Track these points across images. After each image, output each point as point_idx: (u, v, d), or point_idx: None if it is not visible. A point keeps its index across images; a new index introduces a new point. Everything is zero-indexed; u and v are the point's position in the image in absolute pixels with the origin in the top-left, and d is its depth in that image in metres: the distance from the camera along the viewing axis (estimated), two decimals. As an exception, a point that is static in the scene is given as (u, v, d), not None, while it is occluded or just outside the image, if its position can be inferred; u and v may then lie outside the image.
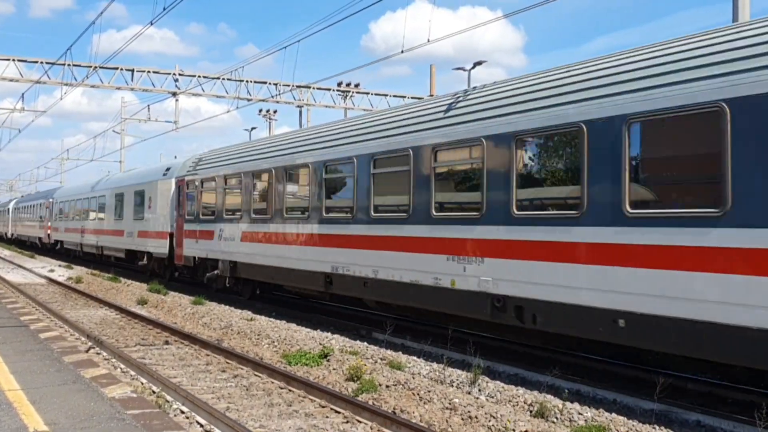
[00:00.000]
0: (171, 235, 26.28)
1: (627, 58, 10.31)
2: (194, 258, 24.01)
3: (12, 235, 69.95)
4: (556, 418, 9.11)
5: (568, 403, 9.49)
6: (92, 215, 39.03)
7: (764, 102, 8.15)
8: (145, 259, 29.79)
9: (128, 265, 34.55)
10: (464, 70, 41.07)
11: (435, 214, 12.95)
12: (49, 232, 50.87)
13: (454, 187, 13.16)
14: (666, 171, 9.59)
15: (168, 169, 27.96)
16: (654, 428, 8.65)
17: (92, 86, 35.76)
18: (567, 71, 11.32)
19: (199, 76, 37.42)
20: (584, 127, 10.13)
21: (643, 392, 9.96)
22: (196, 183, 24.17)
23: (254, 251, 19.71)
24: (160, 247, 27.45)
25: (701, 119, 8.81)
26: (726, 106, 8.46)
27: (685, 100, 8.95)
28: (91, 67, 33.54)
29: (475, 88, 13.53)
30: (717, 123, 8.55)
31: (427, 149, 13.23)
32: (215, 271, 22.45)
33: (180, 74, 36.84)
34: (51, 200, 51.21)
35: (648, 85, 9.47)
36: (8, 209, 72.50)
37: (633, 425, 8.76)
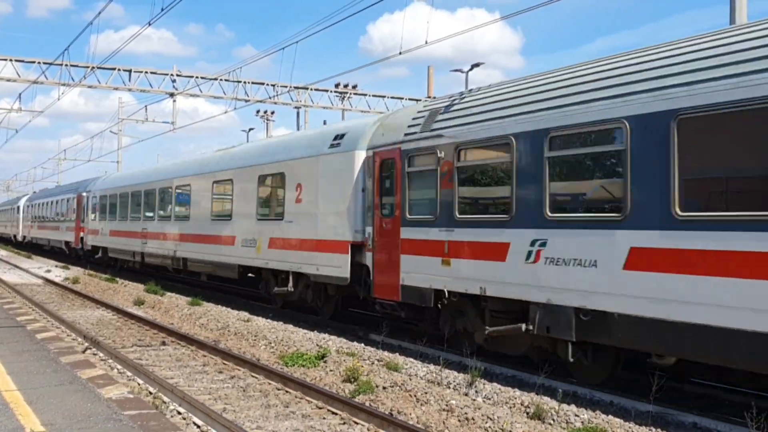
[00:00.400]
0: (356, 247, 15.51)
1: None
2: (426, 292, 13.17)
3: (24, 238, 59.35)
4: (553, 419, 9.12)
5: (564, 405, 9.50)
6: (163, 212, 27.62)
7: None
8: (290, 283, 18.01)
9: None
10: (462, 71, 41.12)
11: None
12: (82, 235, 39.05)
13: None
14: None
15: (341, 137, 16.58)
16: (650, 430, 8.66)
17: (90, 87, 35.70)
18: None
19: (197, 77, 37.38)
20: None
21: (640, 394, 9.96)
22: (441, 153, 12.87)
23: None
24: (330, 266, 16.20)
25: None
26: None
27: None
28: (88, 67, 33.49)
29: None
30: None
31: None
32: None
33: (177, 75, 36.80)
34: (86, 193, 39.41)
35: None
36: (18, 207, 60.94)
37: (629, 427, 8.77)
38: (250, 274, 21.46)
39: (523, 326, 11.01)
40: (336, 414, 9.47)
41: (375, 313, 16.36)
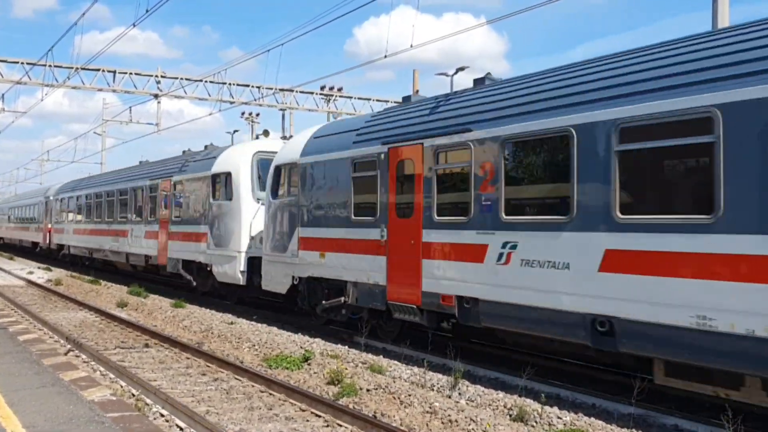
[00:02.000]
0: None
1: None
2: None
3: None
4: (536, 421, 9.16)
5: (547, 407, 9.54)
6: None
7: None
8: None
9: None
10: (447, 75, 41.10)
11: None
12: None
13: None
14: None
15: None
16: (632, 432, 8.73)
17: (73, 87, 35.56)
18: None
19: (182, 78, 37.31)
20: None
21: (623, 396, 10.02)
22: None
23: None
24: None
25: None
26: None
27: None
28: (72, 68, 33.36)
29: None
30: None
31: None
32: None
33: (162, 76, 36.72)
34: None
35: None
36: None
37: (611, 429, 8.83)
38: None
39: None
40: (320, 416, 9.47)
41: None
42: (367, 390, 10.59)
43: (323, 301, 15.79)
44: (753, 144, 8.07)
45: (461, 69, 14.96)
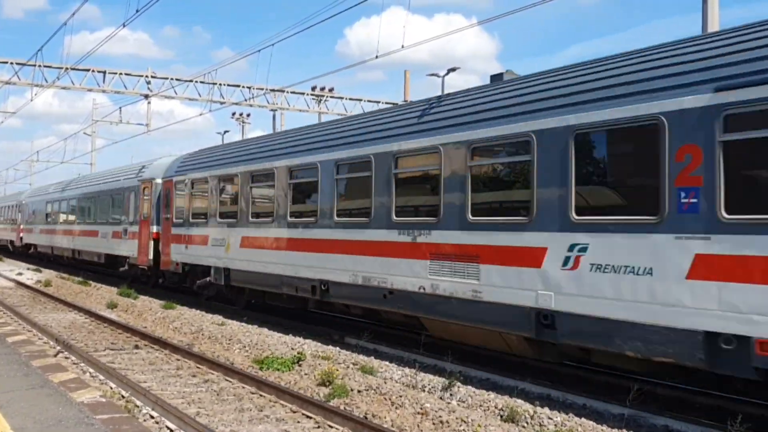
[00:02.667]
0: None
1: None
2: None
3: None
4: (527, 422, 9.16)
5: (538, 408, 9.55)
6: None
7: None
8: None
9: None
10: (438, 76, 41.15)
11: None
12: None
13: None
14: None
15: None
16: (623, 433, 8.73)
17: (63, 88, 35.46)
18: None
19: (172, 79, 37.23)
20: None
21: (614, 398, 10.03)
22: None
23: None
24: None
25: None
26: None
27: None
28: (62, 68, 33.24)
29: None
30: None
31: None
32: None
33: (152, 76, 36.63)
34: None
35: None
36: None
37: (602, 429, 8.83)
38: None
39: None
40: (310, 418, 9.45)
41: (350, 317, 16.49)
42: (359, 391, 10.56)
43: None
44: None
45: (452, 70, 15.04)
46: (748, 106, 8.07)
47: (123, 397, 10.46)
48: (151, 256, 24.69)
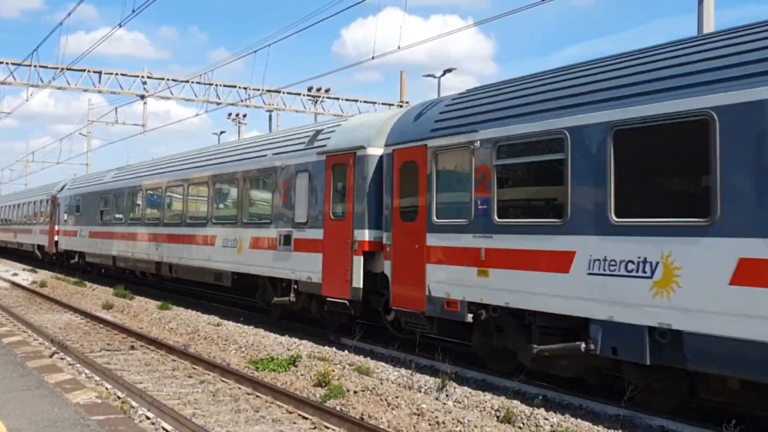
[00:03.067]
0: None
1: None
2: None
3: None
4: (523, 423, 9.17)
5: (534, 409, 9.55)
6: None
7: None
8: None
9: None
10: (434, 77, 41.26)
11: None
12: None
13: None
14: None
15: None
16: (619, 433, 8.75)
17: (59, 88, 35.37)
18: None
19: (168, 79, 37.17)
20: None
21: (610, 398, 10.03)
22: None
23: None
24: None
25: None
26: None
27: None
28: (58, 68, 33.17)
29: None
30: None
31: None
32: None
33: (148, 77, 36.57)
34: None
35: None
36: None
37: (598, 430, 8.85)
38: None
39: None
40: (307, 419, 9.44)
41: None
42: (355, 392, 10.56)
43: None
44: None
45: (449, 70, 15.04)
46: None
47: (119, 398, 10.44)
48: (357, 285, 14.04)
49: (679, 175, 9.17)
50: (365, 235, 13.95)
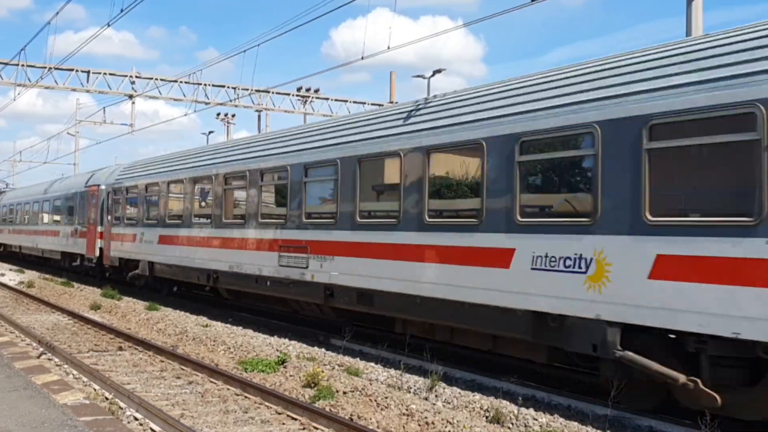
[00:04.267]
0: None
1: None
2: None
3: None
4: (512, 423, 9.19)
5: (523, 409, 9.57)
6: None
7: None
8: None
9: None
10: (424, 77, 41.33)
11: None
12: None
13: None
14: None
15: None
16: (607, 433, 8.77)
17: (47, 87, 35.22)
18: None
19: (157, 79, 37.06)
20: None
21: (599, 398, 10.06)
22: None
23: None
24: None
25: None
26: None
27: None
28: (45, 67, 33.02)
29: None
30: None
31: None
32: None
33: (137, 77, 36.45)
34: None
35: None
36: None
37: (587, 430, 8.87)
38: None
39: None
40: (296, 419, 9.42)
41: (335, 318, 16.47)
42: (344, 392, 10.55)
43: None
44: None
45: (438, 71, 15.03)
46: None
47: (107, 399, 10.39)
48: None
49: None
50: None
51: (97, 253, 28.01)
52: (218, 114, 49.73)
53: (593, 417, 9.43)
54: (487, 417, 9.51)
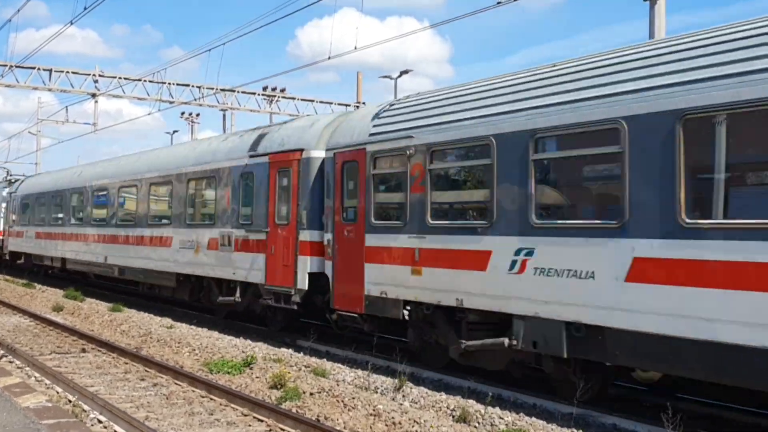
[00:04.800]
0: None
1: None
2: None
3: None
4: (478, 422, 9.24)
5: (489, 408, 9.62)
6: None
7: None
8: None
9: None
10: (391, 78, 41.44)
11: None
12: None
13: None
14: None
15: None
16: (572, 431, 8.86)
17: (7, 86, 34.60)
18: None
19: (120, 78, 36.62)
20: None
21: (564, 397, 10.15)
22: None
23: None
24: None
25: None
26: None
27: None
28: (6, 65, 32.48)
29: None
30: None
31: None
32: None
33: (100, 75, 35.98)
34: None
35: None
36: None
37: (552, 428, 8.95)
38: None
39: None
40: (262, 421, 9.38)
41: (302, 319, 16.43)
42: (311, 394, 10.52)
43: None
44: None
45: (405, 72, 15.09)
46: None
47: (70, 401, 10.25)
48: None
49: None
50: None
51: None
52: (182, 113, 49.39)
53: (559, 415, 9.50)
54: (453, 416, 9.55)
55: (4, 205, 37.37)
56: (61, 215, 29.16)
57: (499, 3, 13.51)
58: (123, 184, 23.47)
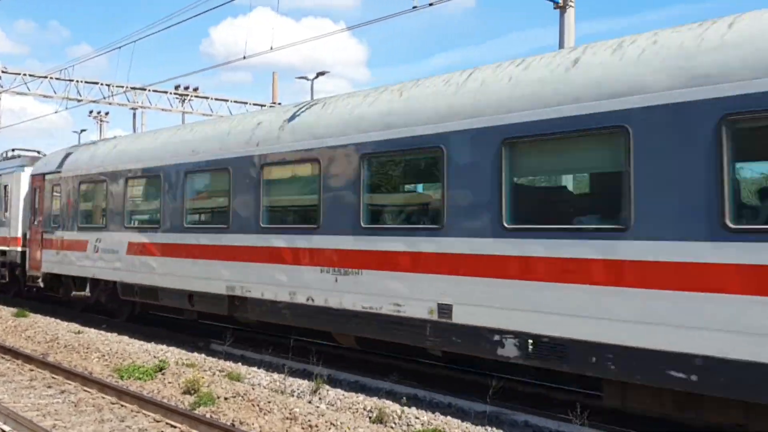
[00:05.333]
0: None
1: None
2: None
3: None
4: (395, 423, 9.30)
5: (406, 408, 9.70)
6: None
7: None
8: None
9: None
10: (307, 79, 41.30)
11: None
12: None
13: None
14: None
15: None
16: (486, 429, 9.01)
17: None
18: None
19: (25, 74, 35.32)
20: None
21: (478, 395, 10.33)
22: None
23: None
24: None
25: None
26: None
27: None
28: None
29: None
30: None
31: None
32: None
33: (4, 71, 34.64)
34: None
35: None
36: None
37: (467, 427, 9.08)
38: None
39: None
40: (175, 427, 9.21)
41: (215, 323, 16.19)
42: (225, 398, 10.38)
43: None
44: None
45: (321, 73, 15.07)
46: None
47: (-30, 412, 9.82)
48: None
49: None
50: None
51: None
52: (91, 112, 47.95)
53: (473, 414, 9.66)
54: (370, 417, 9.58)
55: (23, 194, 22.69)
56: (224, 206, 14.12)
57: (414, 7, 13.63)
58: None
